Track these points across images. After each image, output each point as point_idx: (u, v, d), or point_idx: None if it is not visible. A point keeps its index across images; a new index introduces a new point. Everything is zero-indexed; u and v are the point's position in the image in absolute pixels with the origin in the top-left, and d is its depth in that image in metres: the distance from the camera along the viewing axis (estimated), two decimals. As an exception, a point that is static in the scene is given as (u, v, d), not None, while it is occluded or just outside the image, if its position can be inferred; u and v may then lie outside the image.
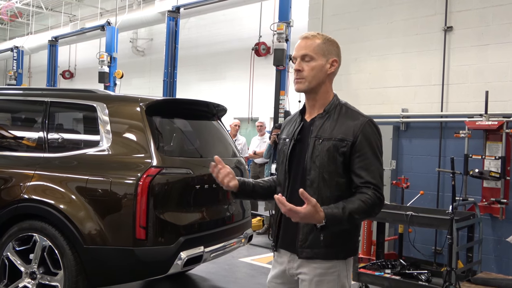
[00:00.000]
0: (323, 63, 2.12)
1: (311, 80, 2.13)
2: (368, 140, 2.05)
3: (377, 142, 2.08)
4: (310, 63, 2.12)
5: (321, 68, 2.12)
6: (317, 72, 2.12)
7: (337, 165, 2.06)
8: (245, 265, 6.03)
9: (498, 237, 5.61)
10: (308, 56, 2.12)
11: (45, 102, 4.32)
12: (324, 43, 2.14)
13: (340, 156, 2.05)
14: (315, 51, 2.11)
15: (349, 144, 2.05)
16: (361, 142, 2.04)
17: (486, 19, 5.78)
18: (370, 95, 6.72)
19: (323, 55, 2.12)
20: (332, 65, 2.14)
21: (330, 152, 2.06)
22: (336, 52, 2.17)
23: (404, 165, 6.41)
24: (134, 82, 16.48)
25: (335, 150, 2.06)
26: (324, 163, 2.07)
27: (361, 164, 2.03)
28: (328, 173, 2.06)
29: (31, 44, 18.29)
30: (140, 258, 3.67)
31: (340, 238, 2.09)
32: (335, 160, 2.06)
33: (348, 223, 1.99)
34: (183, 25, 13.82)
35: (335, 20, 7.09)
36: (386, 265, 5.15)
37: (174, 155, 4.16)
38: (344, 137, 2.06)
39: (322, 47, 2.12)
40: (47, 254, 3.84)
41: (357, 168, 2.04)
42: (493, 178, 5.39)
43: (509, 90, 5.59)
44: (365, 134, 2.05)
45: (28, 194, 3.93)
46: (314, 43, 2.12)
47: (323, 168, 2.07)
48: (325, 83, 2.16)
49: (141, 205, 3.64)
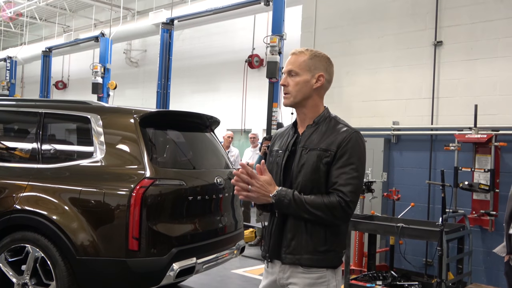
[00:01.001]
0: (308, 78, 2.18)
1: (296, 95, 2.20)
2: (350, 151, 2.11)
3: (358, 154, 2.13)
4: (295, 78, 2.19)
5: (306, 83, 2.18)
6: (302, 87, 2.19)
7: (320, 175, 2.12)
8: (237, 277, 6.04)
9: (488, 249, 5.66)
10: (293, 72, 2.20)
11: (39, 113, 4.35)
12: (311, 58, 2.20)
13: (324, 166, 2.11)
14: (300, 67, 2.19)
15: (332, 154, 2.11)
16: (343, 153, 2.10)
17: (475, 34, 5.89)
18: (362, 108, 6.80)
19: (308, 70, 2.18)
20: (318, 79, 2.20)
21: (314, 162, 2.12)
22: (324, 67, 2.22)
23: (395, 177, 6.47)
24: (128, 93, 16.51)
25: (319, 160, 2.12)
26: (307, 172, 2.13)
27: (337, 172, 2.09)
28: (311, 182, 2.12)
29: (24, 55, 18.30)
30: (133, 269, 3.68)
31: (322, 247, 2.13)
32: (318, 170, 2.12)
33: (299, 208, 2.07)
34: (177, 37, 13.92)
35: (327, 34, 7.19)
36: (377, 277, 5.19)
37: (167, 167, 4.19)
38: (328, 148, 2.12)
39: (307, 63, 2.19)
40: (39, 265, 3.84)
41: (333, 176, 2.10)
42: (482, 190, 5.46)
43: (498, 104, 5.68)
44: (349, 145, 2.11)
45: (21, 205, 3.94)
46: (300, 59, 2.20)
47: (307, 177, 2.13)
48: (313, 97, 2.21)
49: (134, 216, 3.66)
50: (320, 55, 2.23)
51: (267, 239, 2.27)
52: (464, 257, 5.24)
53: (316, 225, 2.12)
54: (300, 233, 2.13)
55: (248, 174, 2.09)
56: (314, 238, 2.12)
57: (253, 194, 2.09)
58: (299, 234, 2.13)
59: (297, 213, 2.09)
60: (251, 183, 2.08)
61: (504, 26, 5.67)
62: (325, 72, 2.21)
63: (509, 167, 5.56)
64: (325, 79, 2.21)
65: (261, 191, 2.09)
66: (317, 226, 2.12)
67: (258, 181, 2.09)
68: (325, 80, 2.22)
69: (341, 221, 2.13)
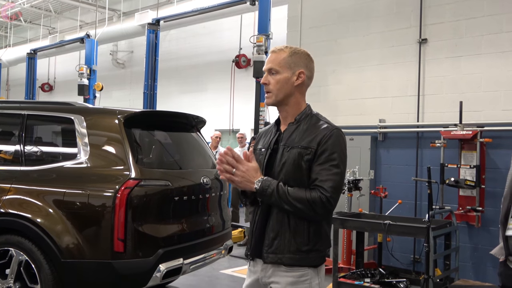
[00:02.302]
0: (288, 75, 2.17)
1: (277, 93, 2.18)
2: (331, 148, 2.09)
3: (339, 151, 2.11)
4: (275, 76, 2.18)
5: (287, 80, 2.17)
6: (283, 85, 2.17)
7: (302, 173, 2.10)
8: (226, 277, 6.01)
9: (474, 245, 5.71)
10: (273, 70, 2.18)
11: (22, 115, 4.30)
12: (290, 56, 2.18)
13: (305, 164, 2.10)
14: (280, 65, 2.17)
15: (313, 151, 2.09)
16: (323, 150, 2.09)
17: (459, 31, 5.94)
18: (348, 106, 6.81)
19: (288, 68, 2.17)
20: (299, 77, 2.18)
21: (295, 160, 2.11)
22: (304, 63, 2.20)
23: (382, 174, 6.49)
24: (115, 94, 16.41)
25: (300, 157, 2.10)
26: (289, 170, 2.11)
27: (318, 168, 2.08)
28: (293, 180, 2.10)
29: (9, 57, 18.10)
30: (119, 271, 3.65)
31: (304, 246, 2.11)
32: (300, 168, 2.10)
33: (280, 198, 2.06)
34: (163, 38, 13.86)
35: (313, 33, 7.19)
36: (366, 274, 5.20)
37: (153, 167, 4.16)
38: (309, 145, 2.11)
39: (287, 60, 2.17)
40: (23, 268, 3.79)
41: (314, 172, 2.09)
42: (468, 186, 5.50)
43: (483, 101, 5.73)
44: (329, 142, 2.10)
45: (4, 208, 3.88)
46: (280, 56, 2.18)
47: (289, 175, 2.11)
48: (294, 95, 2.20)
49: (119, 217, 3.63)
50: (299, 52, 2.21)
51: (250, 237, 2.26)
52: (451, 253, 5.27)
53: (300, 224, 2.10)
54: (283, 232, 2.12)
55: (234, 157, 2.08)
56: (297, 238, 2.11)
57: (237, 178, 2.08)
58: (282, 233, 2.12)
59: (278, 204, 2.08)
60: (236, 167, 2.08)
61: (488, 23, 5.72)
62: (305, 69, 2.20)
63: (495, 163, 5.61)
64: (306, 76, 2.20)
65: (246, 177, 2.08)
66: (300, 225, 2.11)
67: (244, 166, 2.09)
68: (306, 76, 2.20)
69: (322, 217, 2.11)
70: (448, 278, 5.26)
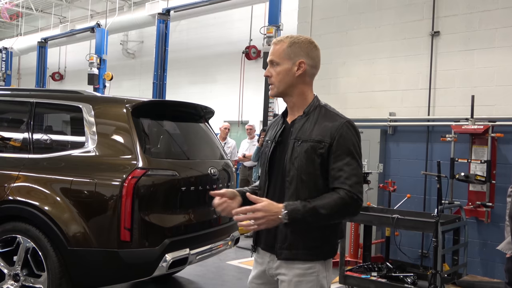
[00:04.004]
0: (289, 66, 2.12)
1: (279, 85, 2.14)
2: (345, 141, 2.04)
3: (354, 143, 2.07)
4: (276, 68, 2.13)
5: (287, 71, 2.12)
6: (284, 76, 2.12)
7: (315, 167, 2.05)
8: (232, 268, 6.01)
9: (483, 240, 5.65)
10: (274, 62, 2.14)
11: (30, 103, 4.30)
12: (290, 46, 2.12)
13: (318, 158, 2.05)
14: (280, 56, 2.12)
15: (326, 145, 2.04)
16: (338, 144, 2.04)
17: (472, 24, 5.84)
18: (358, 99, 6.75)
19: (288, 58, 2.11)
20: (300, 66, 2.12)
21: (308, 154, 2.06)
22: (305, 52, 2.13)
23: (391, 168, 6.44)
24: (125, 84, 16.42)
25: (313, 151, 2.05)
26: (302, 164, 2.06)
27: (336, 165, 2.03)
28: (306, 175, 2.05)
29: (20, 46, 18.17)
30: (125, 260, 3.65)
31: (319, 241, 2.08)
32: (313, 162, 2.05)
33: (313, 217, 1.97)
34: (173, 28, 13.82)
35: (324, 24, 7.12)
36: (373, 268, 5.17)
37: (160, 157, 4.15)
38: (322, 139, 2.05)
39: (287, 51, 2.12)
40: (30, 255, 3.80)
41: (333, 169, 2.03)
42: (478, 181, 5.44)
43: (495, 95, 5.64)
44: (342, 135, 2.05)
45: (12, 195, 3.90)
46: (280, 48, 2.13)
47: (301, 170, 2.06)
48: (298, 86, 2.15)
49: (126, 206, 3.62)
50: (300, 41, 2.14)
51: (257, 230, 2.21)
52: (460, 249, 5.23)
53: None
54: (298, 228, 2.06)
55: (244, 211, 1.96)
56: (311, 233, 2.06)
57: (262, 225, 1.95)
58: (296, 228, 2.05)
59: (313, 222, 2.00)
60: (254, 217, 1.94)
61: (502, 16, 5.62)
62: (306, 58, 2.13)
63: (506, 159, 5.54)
64: (308, 65, 2.13)
65: (269, 218, 1.94)
66: None
67: (258, 212, 1.93)
68: (308, 65, 2.13)
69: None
70: (456, 273, 5.22)
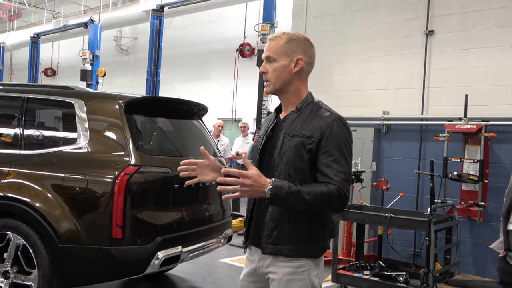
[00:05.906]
0: (286, 63, 2.10)
1: (275, 82, 2.12)
2: (335, 137, 2.03)
3: (344, 140, 2.05)
4: (273, 64, 2.12)
5: (284, 68, 2.10)
6: (280, 73, 2.11)
7: (303, 162, 2.04)
8: (225, 266, 6.00)
9: (476, 240, 5.67)
10: (271, 58, 2.12)
11: (22, 98, 4.25)
12: (287, 42, 2.11)
13: (307, 153, 2.04)
14: (277, 52, 2.10)
15: (315, 141, 2.03)
16: (327, 140, 2.02)
17: (467, 23, 5.85)
18: (352, 97, 6.75)
19: (285, 55, 2.10)
20: (297, 63, 2.11)
21: (297, 149, 2.05)
22: (303, 49, 2.13)
23: (384, 167, 6.44)
24: (118, 81, 16.35)
25: (302, 146, 2.04)
26: (290, 159, 2.05)
27: (325, 161, 2.01)
28: (294, 170, 2.04)
29: (12, 41, 18.03)
30: (116, 257, 3.62)
31: (305, 237, 2.06)
32: (302, 157, 2.04)
33: (296, 199, 1.93)
34: (167, 25, 13.76)
35: (318, 22, 7.11)
36: (365, 267, 5.18)
37: (153, 154, 4.12)
38: (312, 134, 2.04)
39: (284, 47, 2.10)
40: (21, 252, 3.77)
41: (321, 165, 2.02)
42: (471, 181, 5.45)
43: (488, 94, 5.65)
44: (332, 131, 2.03)
45: (3, 191, 3.85)
46: (277, 44, 2.11)
47: (290, 164, 2.05)
48: (294, 82, 2.13)
49: (118, 203, 3.59)
50: (297, 37, 2.13)
51: (247, 226, 2.21)
52: (452, 248, 5.24)
53: (300, 213, 2.05)
54: (283, 222, 2.06)
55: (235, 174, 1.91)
56: (297, 228, 2.05)
57: (246, 193, 1.91)
58: (282, 223, 2.06)
59: (293, 205, 1.96)
60: (241, 183, 1.89)
61: (496, 16, 5.63)
62: (303, 55, 2.12)
63: (499, 158, 5.55)
64: (305, 62, 2.12)
65: (255, 187, 1.90)
66: (301, 215, 2.05)
67: (248, 179, 1.89)
68: (305, 63, 2.12)
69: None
70: (448, 272, 5.23)
